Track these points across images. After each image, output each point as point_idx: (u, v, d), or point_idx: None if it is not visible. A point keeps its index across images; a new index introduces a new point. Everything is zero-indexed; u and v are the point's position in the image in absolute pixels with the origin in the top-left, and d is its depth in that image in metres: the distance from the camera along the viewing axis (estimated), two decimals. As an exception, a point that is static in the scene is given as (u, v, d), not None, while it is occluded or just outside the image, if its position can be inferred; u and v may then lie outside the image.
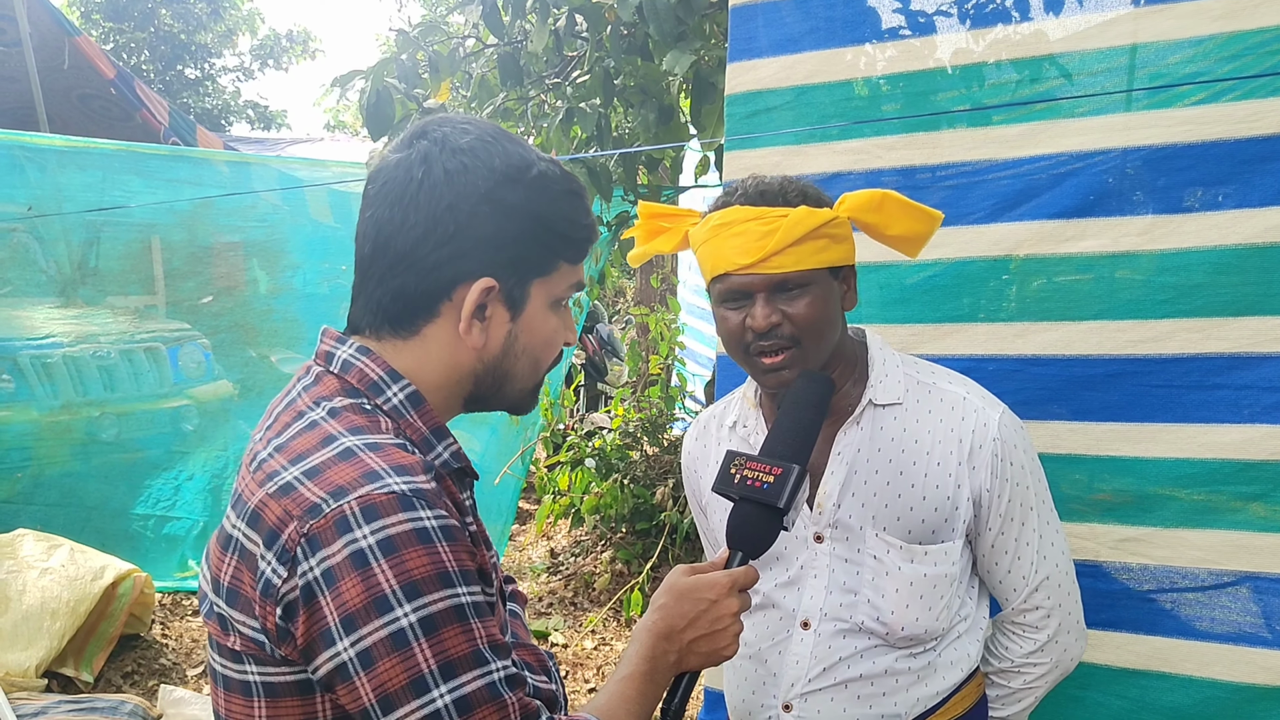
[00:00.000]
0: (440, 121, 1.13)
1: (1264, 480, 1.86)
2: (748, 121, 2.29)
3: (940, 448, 1.54)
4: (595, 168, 3.64)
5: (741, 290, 1.49)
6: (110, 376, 5.03)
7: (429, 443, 1.12)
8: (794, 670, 1.58)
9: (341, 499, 0.97)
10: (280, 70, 18.72)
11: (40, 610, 3.80)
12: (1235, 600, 1.91)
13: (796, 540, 1.59)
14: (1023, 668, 1.62)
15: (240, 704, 1.06)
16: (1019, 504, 1.54)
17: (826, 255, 1.48)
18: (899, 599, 1.54)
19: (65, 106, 8.20)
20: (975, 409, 1.55)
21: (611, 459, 5.42)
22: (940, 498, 1.53)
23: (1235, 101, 1.84)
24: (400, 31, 4.08)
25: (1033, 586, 1.57)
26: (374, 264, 1.12)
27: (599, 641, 4.57)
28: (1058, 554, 1.59)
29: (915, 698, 1.56)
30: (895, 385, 1.57)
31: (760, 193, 1.50)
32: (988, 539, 1.57)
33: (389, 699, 0.95)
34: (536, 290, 1.14)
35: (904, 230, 1.54)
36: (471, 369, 1.14)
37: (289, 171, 5.39)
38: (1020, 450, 1.54)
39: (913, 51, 2.13)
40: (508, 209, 1.09)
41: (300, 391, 1.12)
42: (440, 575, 0.97)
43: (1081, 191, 1.97)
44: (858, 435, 1.57)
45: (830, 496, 1.56)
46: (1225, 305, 1.87)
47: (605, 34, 3.70)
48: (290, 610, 0.97)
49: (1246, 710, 1.91)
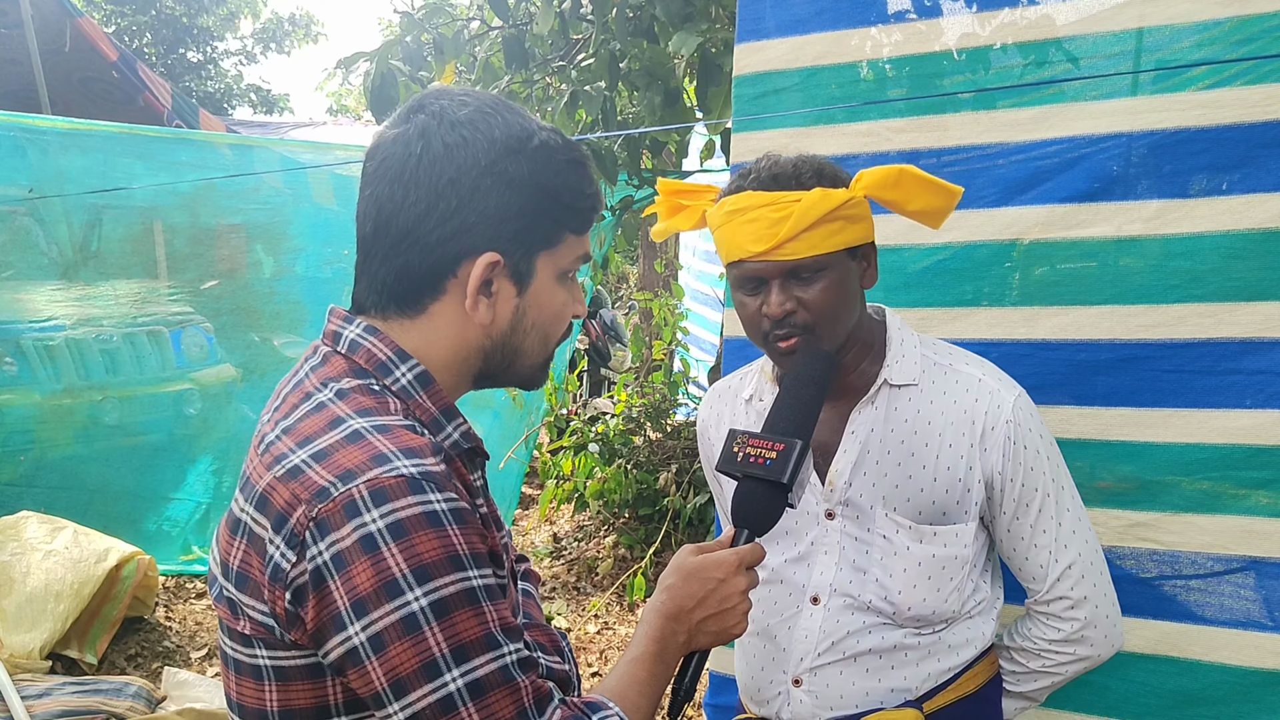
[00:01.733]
0: (438, 94, 1.11)
1: (1274, 466, 1.85)
2: (756, 103, 2.28)
3: (953, 429, 1.53)
4: (600, 151, 3.63)
5: (756, 277, 1.49)
6: (112, 360, 5.03)
7: (438, 423, 1.10)
8: (803, 645, 1.58)
9: (350, 482, 0.95)
10: (283, 54, 18.67)
11: (44, 592, 3.80)
12: (1242, 586, 1.90)
13: (807, 516, 1.60)
14: (1044, 652, 1.60)
15: (252, 688, 1.05)
16: (1033, 489, 1.53)
17: (842, 237, 1.46)
18: (906, 579, 1.54)
19: (67, 89, 8.17)
20: (990, 390, 1.54)
21: (615, 444, 5.43)
22: (951, 479, 1.53)
23: (1246, 86, 1.83)
24: (405, 14, 4.06)
25: (1055, 576, 1.55)
26: (376, 243, 1.10)
27: (602, 626, 4.58)
28: (1079, 543, 1.55)
29: (926, 673, 1.56)
30: (912, 366, 1.57)
31: (774, 176, 1.48)
32: (1003, 523, 1.56)
33: (401, 683, 0.95)
34: (543, 263, 1.12)
35: (924, 205, 1.52)
36: (480, 346, 1.13)
37: (291, 155, 5.37)
38: (1035, 434, 1.53)
39: (919, 35, 2.11)
40: (510, 181, 1.07)
41: (308, 372, 1.11)
42: (451, 558, 0.96)
43: (1089, 177, 1.96)
44: (872, 414, 1.57)
45: (842, 475, 1.56)
46: (1237, 290, 1.86)
47: (611, 16, 3.68)
48: (300, 595, 0.97)
49: (1254, 695, 1.91)
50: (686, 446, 5.43)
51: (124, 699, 3.28)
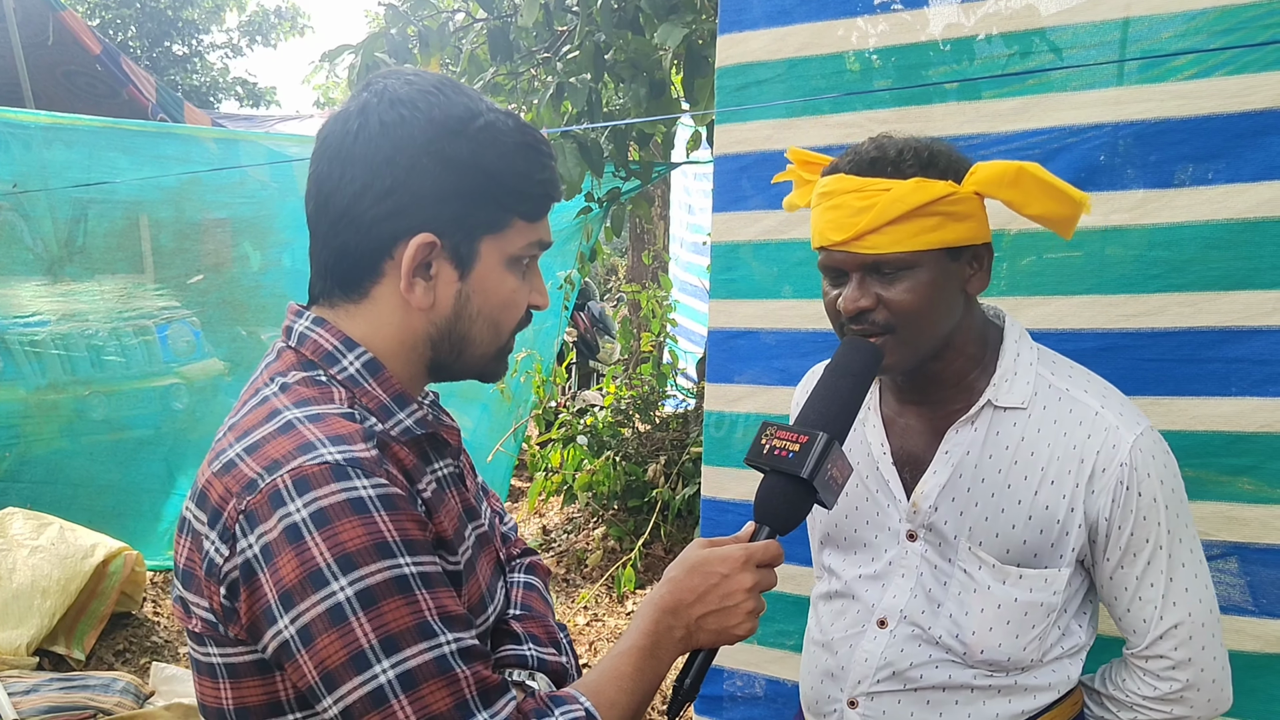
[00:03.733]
0: (386, 74, 1.08)
1: (1254, 453, 1.87)
2: (738, 94, 2.28)
3: (1058, 464, 1.38)
4: (586, 143, 3.62)
5: (836, 267, 1.38)
6: (98, 355, 5.00)
7: (388, 410, 1.08)
8: (861, 667, 1.49)
9: (275, 472, 0.95)
10: (269, 47, 18.54)
11: (31, 589, 3.79)
12: (1224, 571, 1.92)
13: (888, 533, 1.49)
14: (1137, 706, 1.45)
15: (209, 686, 1.04)
16: (1144, 539, 1.36)
17: (938, 235, 1.32)
18: (983, 620, 1.41)
19: (50, 83, 8.11)
20: (1106, 426, 1.37)
21: (603, 436, 5.43)
22: (1048, 519, 1.38)
23: (1228, 76, 1.84)
24: (390, 6, 4.05)
25: (1157, 633, 1.39)
26: (318, 223, 1.08)
27: (591, 618, 4.59)
28: (1192, 601, 1.38)
29: (994, 713, 1.43)
30: (1023, 386, 1.41)
31: (871, 160, 1.35)
32: (1105, 570, 1.41)
33: (330, 676, 0.93)
34: (487, 248, 1.08)
35: (1044, 210, 1.36)
36: (425, 332, 1.10)
37: (278, 148, 5.35)
38: (1154, 480, 1.35)
39: (904, 25, 2.11)
40: (449, 162, 1.03)
41: (262, 370, 1.11)
42: (378, 546, 0.94)
43: (1073, 167, 1.97)
44: (970, 436, 1.43)
45: (928, 497, 1.43)
46: (1216, 280, 1.87)
47: (596, 8, 3.67)
48: (233, 589, 0.96)
49: (1235, 677, 1.92)
50: (675, 438, 5.44)
51: (112, 694, 3.28)
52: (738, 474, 2.40)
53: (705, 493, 2.48)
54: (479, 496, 1.26)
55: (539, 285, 1.16)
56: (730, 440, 2.42)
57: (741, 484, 2.40)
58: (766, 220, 2.30)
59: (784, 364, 2.30)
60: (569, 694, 1.05)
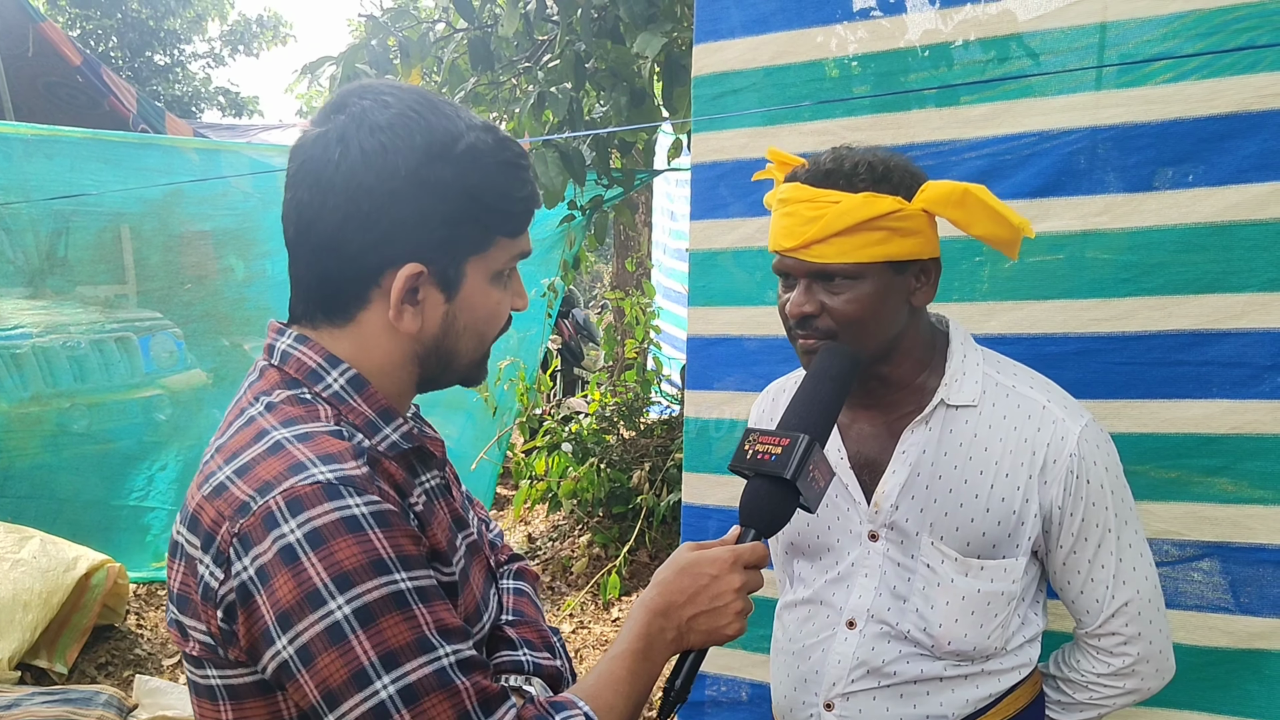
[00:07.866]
0: (361, 92, 1.06)
1: (1226, 454, 1.89)
2: (715, 103, 2.29)
3: (1011, 458, 1.44)
4: (568, 151, 3.63)
5: (786, 271, 1.44)
6: (81, 367, 4.98)
7: (374, 426, 1.08)
8: (835, 669, 1.53)
9: (267, 494, 0.94)
10: (251, 56, 18.50)
11: (12, 602, 3.76)
12: (1201, 570, 1.94)
13: (850, 535, 1.53)
14: (1091, 684, 1.54)
15: (210, 709, 1.04)
16: (1094, 524, 1.44)
17: (884, 249, 1.37)
18: (948, 612, 1.46)
19: (31, 95, 8.09)
20: (1054, 419, 1.44)
21: (588, 443, 5.43)
22: (1005, 511, 1.44)
23: (1203, 80, 1.85)
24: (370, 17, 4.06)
25: (1109, 612, 1.47)
26: (298, 248, 1.07)
27: (577, 625, 4.59)
28: (1139, 579, 1.47)
29: (964, 699, 1.49)
30: (972, 385, 1.47)
31: (826, 172, 1.40)
32: (1058, 557, 1.48)
33: (332, 694, 0.93)
34: (473, 268, 1.08)
35: (986, 231, 1.41)
36: (413, 352, 1.10)
37: (260, 158, 5.33)
38: (1100, 468, 1.43)
39: (882, 32, 2.13)
40: (433, 188, 1.02)
41: (246, 389, 1.10)
42: (374, 563, 0.94)
43: (1050, 171, 1.99)
44: (925, 435, 1.48)
45: (889, 496, 1.49)
46: (1186, 283, 1.89)
47: (576, 17, 3.69)
48: (230, 612, 0.96)
49: (1209, 672, 1.94)
50: (660, 444, 5.44)
51: (94, 708, 3.26)
52: (719, 480, 2.41)
53: (686, 499, 2.49)
54: (465, 506, 1.26)
55: (518, 289, 1.16)
56: (711, 446, 2.43)
57: (723, 490, 2.41)
58: (745, 227, 2.31)
59: (765, 370, 2.30)
60: (568, 699, 1.05)
